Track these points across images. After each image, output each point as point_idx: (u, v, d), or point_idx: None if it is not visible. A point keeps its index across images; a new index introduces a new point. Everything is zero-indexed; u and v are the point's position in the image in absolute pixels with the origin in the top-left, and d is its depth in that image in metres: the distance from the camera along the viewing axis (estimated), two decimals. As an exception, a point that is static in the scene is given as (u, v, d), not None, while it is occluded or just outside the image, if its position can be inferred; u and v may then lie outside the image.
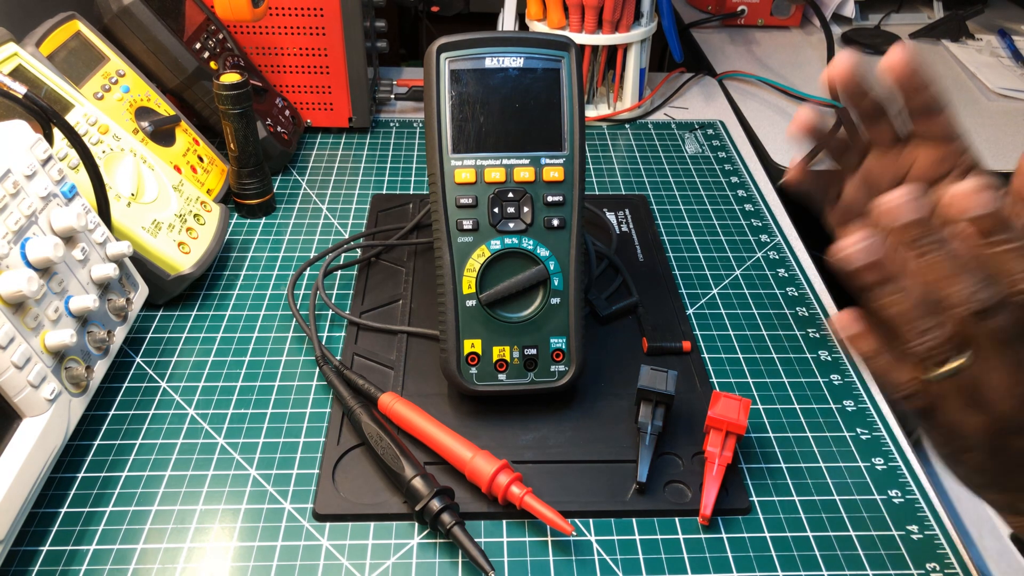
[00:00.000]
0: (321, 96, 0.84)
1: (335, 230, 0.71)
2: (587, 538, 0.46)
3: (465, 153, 0.50)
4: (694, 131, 0.90)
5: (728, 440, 0.48)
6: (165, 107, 0.71)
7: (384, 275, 0.65)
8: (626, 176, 0.81)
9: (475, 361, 0.51)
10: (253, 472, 0.49)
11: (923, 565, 0.45)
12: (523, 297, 0.51)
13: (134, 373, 0.56)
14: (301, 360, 0.57)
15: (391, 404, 0.51)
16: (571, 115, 0.51)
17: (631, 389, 0.52)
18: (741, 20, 1.18)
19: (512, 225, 0.51)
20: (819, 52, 1.08)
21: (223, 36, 0.78)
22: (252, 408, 0.53)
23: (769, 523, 0.47)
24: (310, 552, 0.45)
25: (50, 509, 0.47)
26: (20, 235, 0.45)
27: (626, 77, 0.90)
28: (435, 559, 0.44)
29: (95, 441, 0.51)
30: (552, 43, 0.51)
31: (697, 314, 0.62)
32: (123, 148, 0.61)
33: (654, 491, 0.48)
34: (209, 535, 0.45)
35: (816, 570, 0.44)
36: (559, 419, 0.52)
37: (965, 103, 0.98)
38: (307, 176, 0.79)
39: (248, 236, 0.70)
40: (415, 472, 0.46)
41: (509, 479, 0.45)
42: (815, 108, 0.54)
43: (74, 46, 0.64)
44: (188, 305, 0.62)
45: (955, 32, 1.15)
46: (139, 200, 0.59)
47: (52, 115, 0.51)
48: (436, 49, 0.50)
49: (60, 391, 0.45)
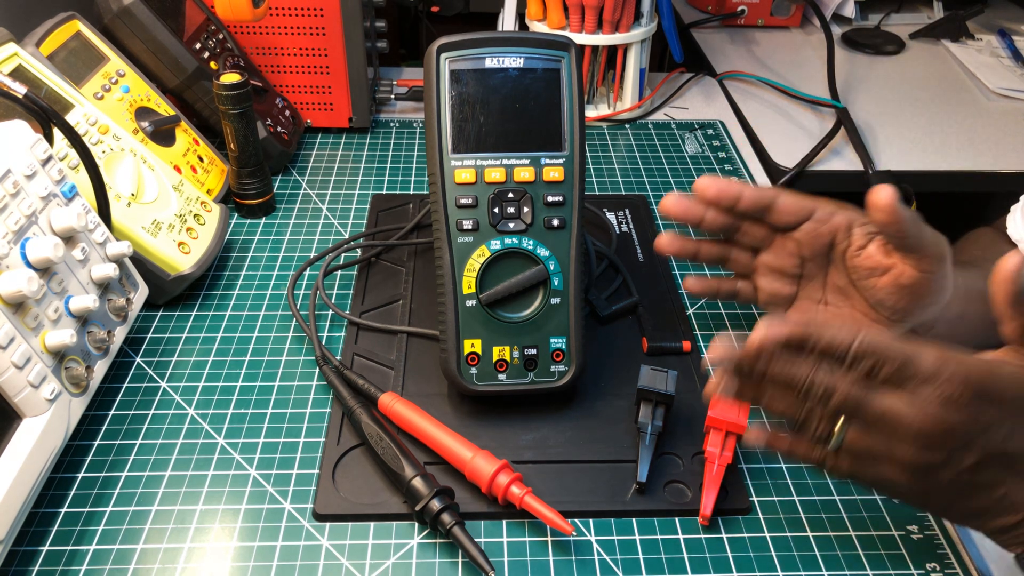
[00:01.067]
0: (321, 96, 0.84)
1: (335, 230, 0.71)
2: (587, 538, 0.46)
3: (465, 153, 0.50)
4: (694, 131, 0.90)
5: (728, 440, 0.48)
6: (165, 107, 0.71)
7: (384, 275, 0.65)
8: (626, 176, 0.81)
9: (475, 361, 0.51)
10: (253, 472, 0.49)
11: (923, 565, 0.45)
12: (523, 297, 0.51)
13: (134, 373, 0.56)
14: (301, 360, 0.57)
15: (391, 404, 0.51)
16: (571, 115, 0.51)
17: (631, 389, 0.52)
18: (741, 20, 1.18)
19: (512, 225, 0.51)
20: (819, 52, 1.08)
21: (223, 36, 0.78)
22: (252, 408, 0.53)
23: (769, 523, 0.47)
24: (310, 552, 0.45)
25: (50, 509, 0.47)
26: (20, 235, 0.45)
27: (626, 77, 0.89)
28: (435, 559, 0.44)
29: (95, 441, 0.51)
30: (552, 43, 0.51)
31: (697, 314, 0.62)
32: (123, 148, 0.61)
33: (654, 491, 0.48)
34: (209, 535, 0.45)
35: (816, 570, 0.44)
36: (559, 419, 0.52)
37: (965, 103, 0.98)
38: (307, 176, 0.79)
39: (248, 236, 0.70)
40: (415, 472, 0.46)
41: (509, 479, 0.45)
42: (673, 236, 0.56)
43: (74, 46, 0.64)
44: (188, 305, 0.62)
45: (955, 32, 1.15)
46: (139, 200, 0.59)
47: (52, 115, 0.51)
48: (436, 49, 0.50)
49: (60, 391, 0.45)
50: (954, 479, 0.38)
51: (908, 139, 0.89)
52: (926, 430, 0.37)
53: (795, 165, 0.84)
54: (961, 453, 0.37)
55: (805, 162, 0.84)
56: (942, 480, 0.38)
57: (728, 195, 0.52)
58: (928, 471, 0.38)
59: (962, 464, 0.38)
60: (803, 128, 0.91)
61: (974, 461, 0.37)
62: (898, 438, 0.38)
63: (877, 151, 0.87)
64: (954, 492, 0.39)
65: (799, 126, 0.92)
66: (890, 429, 0.38)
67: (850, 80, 1.03)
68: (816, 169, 0.84)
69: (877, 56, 1.11)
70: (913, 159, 0.86)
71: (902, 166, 0.84)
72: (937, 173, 0.84)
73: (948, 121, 0.94)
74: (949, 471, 0.38)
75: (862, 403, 0.38)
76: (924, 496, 0.40)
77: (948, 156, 0.87)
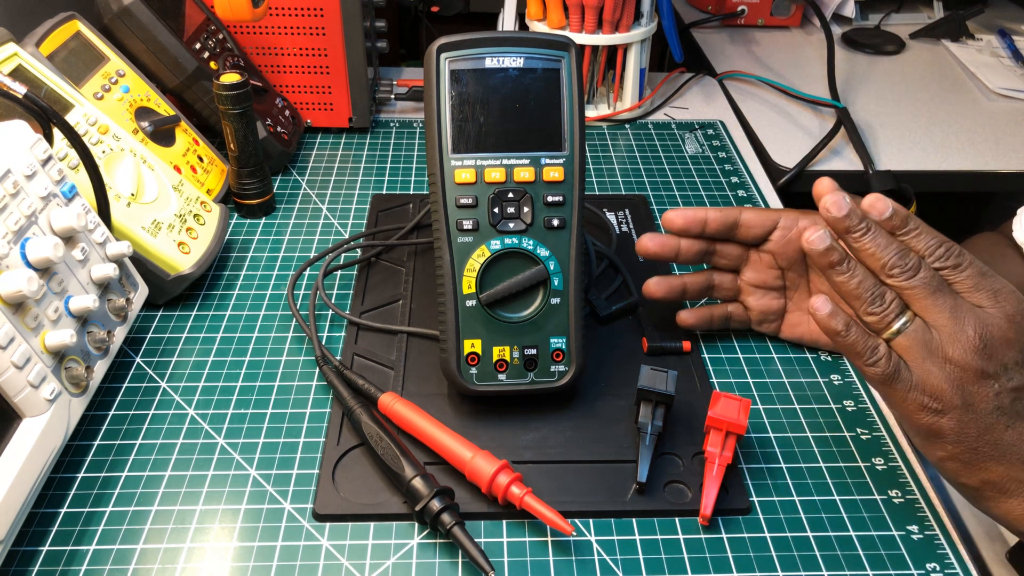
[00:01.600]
0: (321, 96, 0.84)
1: (335, 230, 0.71)
2: (587, 538, 0.46)
3: (465, 153, 0.50)
4: (694, 131, 0.90)
5: (728, 440, 0.48)
6: (165, 107, 0.71)
7: (384, 275, 0.65)
8: (626, 176, 0.81)
9: (475, 361, 0.51)
10: (253, 472, 0.49)
11: (923, 565, 0.45)
12: (523, 297, 0.51)
13: (134, 373, 0.56)
14: (301, 360, 0.57)
15: (391, 404, 0.51)
16: (571, 115, 0.51)
17: (631, 389, 0.52)
18: (741, 20, 1.18)
19: (512, 225, 0.51)
20: (819, 52, 1.08)
21: (223, 36, 0.78)
22: (252, 408, 0.53)
23: (769, 523, 0.47)
24: (310, 552, 0.45)
25: (50, 509, 0.47)
26: (20, 235, 0.45)
27: (626, 77, 0.89)
28: (435, 559, 0.44)
29: (95, 441, 0.51)
30: (552, 43, 0.51)
31: (697, 314, 0.62)
32: (123, 148, 0.61)
33: (654, 491, 0.48)
34: (209, 535, 0.45)
35: (816, 570, 0.44)
36: (559, 419, 0.52)
37: (965, 103, 0.98)
38: (307, 176, 0.79)
39: (248, 236, 0.70)
40: (415, 472, 0.46)
41: (509, 479, 0.45)
42: (659, 279, 0.58)
43: (74, 46, 0.64)
44: (188, 305, 0.62)
45: (955, 32, 1.15)
46: (139, 200, 0.59)
47: (52, 115, 0.51)
48: (436, 49, 0.50)
49: (60, 391, 0.45)
50: (995, 398, 0.40)
51: (908, 139, 0.89)
52: (989, 333, 0.40)
53: (795, 165, 0.84)
54: (1013, 370, 0.40)
55: (805, 162, 0.84)
56: (987, 394, 0.40)
57: (695, 221, 0.55)
58: (978, 378, 0.40)
59: (1010, 382, 0.40)
60: (803, 128, 0.91)
61: (1019, 384, 0.40)
62: (959, 338, 0.40)
63: (877, 151, 0.87)
64: (992, 413, 0.40)
65: (799, 126, 0.92)
66: (955, 327, 0.40)
67: (850, 80, 1.03)
68: (816, 169, 0.84)
69: (877, 56, 1.11)
70: (913, 159, 0.86)
71: (902, 166, 0.84)
72: (937, 173, 0.84)
73: (948, 121, 0.94)
74: (997, 384, 0.40)
75: (939, 291, 0.41)
76: (962, 412, 0.40)
77: (948, 156, 0.87)
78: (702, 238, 0.56)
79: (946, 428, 0.41)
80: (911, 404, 0.41)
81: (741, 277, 0.58)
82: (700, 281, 0.58)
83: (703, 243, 0.57)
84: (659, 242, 0.56)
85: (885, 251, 0.42)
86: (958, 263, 0.41)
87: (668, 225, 0.56)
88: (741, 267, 0.58)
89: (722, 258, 0.57)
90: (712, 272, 0.58)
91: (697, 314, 0.58)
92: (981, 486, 0.41)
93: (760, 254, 0.57)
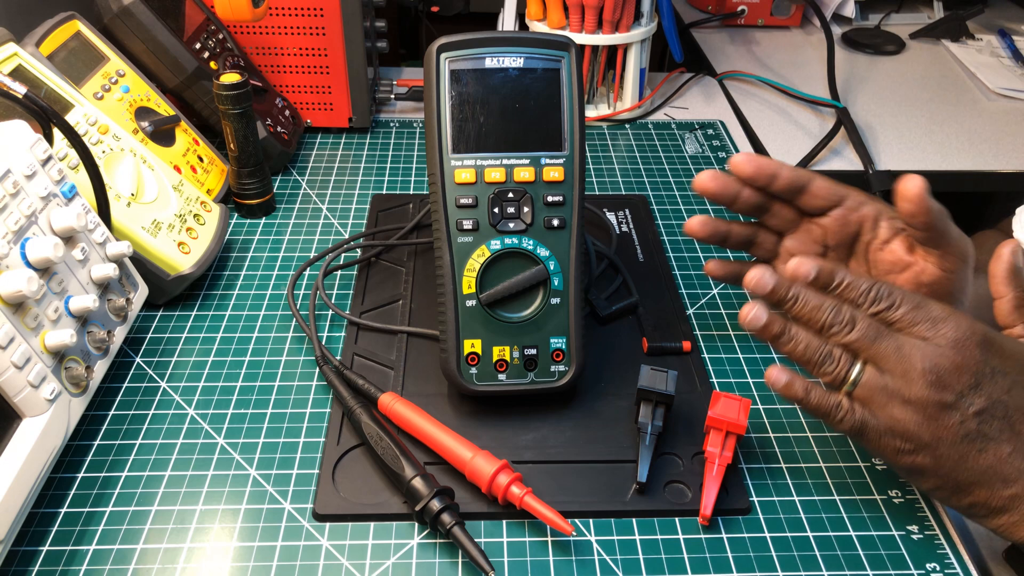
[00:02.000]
0: (321, 96, 0.84)
1: (335, 230, 0.71)
2: (587, 538, 0.46)
3: (465, 153, 0.50)
4: (694, 131, 0.90)
5: (728, 440, 0.48)
6: (165, 107, 0.71)
7: (384, 275, 0.65)
8: (626, 176, 0.81)
9: (475, 361, 0.51)
10: (253, 472, 0.49)
11: (923, 565, 0.45)
12: (523, 297, 0.51)
13: (134, 373, 0.56)
14: (301, 360, 0.57)
15: (391, 404, 0.51)
16: (571, 115, 0.51)
17: (631, 389, 0.52)
18: (741, 20, 1.18)
19: (512, 225, 0.51)
20: (819, 52, 1.08)
21: (223, 36, 0.78)
22: (252, 408, 0.53)
23: (769, 523, 0.47)
24: (310, 552, 0.45)
25: (50, 509, 0.47)
26: (20, 235, 0.45)
27: (626, 77, 0.89)
28: (435, 559, 0.44)
29: (95, 441, 0.51)
30: (552, 43, 0.51)
31: (697, 314, 0.62)
32: (123, 148, 0.61)
33: (654, 491, 0.48)
34: (209, 535, 0.45)
35: (816, 570, 0.44)
36: (559, 419, 0.52)
37: (965, 103, 0.98)
38: (307, 176, 0.79)
39: (248, 236, 0.70)
40: (415, 472, 0.46)
41: (509, 479, 0.45)
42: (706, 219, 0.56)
43: (74, 46, 0.64)
44: (188, 305, 0.62)
45: (955, 32, 1.15)
46: (139, 200, 0.59)
47: (52, 115, 0.51)
48: (436, 49, 0.50)
49: (60, 391, 0.45)
50: (960, 427, 0.40)
51: (908, 139, 0.89)
52: (938, 365, 0.40)
53: (795, 165, 0.84)
54: (969, 396, 0.40)
55: (805, 162, 0.84)
56: (951, 424, 0.40)
57: (765, 172, 0.52)
58: (939, 411, 0.40)
59: (970, 408, 0.40)
60: (803, 128, 0.91)
61: (981, 407, 0.40)
62: (911, 377, 0.40)
63: (877, 151, 0.87)
64: (961, 442, 0.40)
65: (799, 126, 0.92)
66: (905, 366, 0.41)
67: (850, 80, 1.03)
68: (816, 169, 0.84)
69: (877, 56, 1.11)
70: (913, 159, 0.86)
71: (902, 166, 0.84)
72: (937, 173, 0.84)
73: (948, 121, 0.94)
74: (958, 413, 0.40)
75: (880, 336, 0.41)
76: (934, 447, 0.41)
77: (948, 156, 0.87)
78: (764, 192, 0.53)
79: (924, 464, 0.42)
80: (886, 449, 0.42)
81: (783, 243, 0.56)
82: (746, 233, 0.56)
83: (763, 197, 0.54)
84: (721, 183, 0.53)
85: (819, 312, 0.43)
86: (891, 302, 0.42)
87: (736, 169, 0.52)
88: (787, 232, 0.56)
89: (774, 218, 0.55)
90: (759, 227, 0.56)
91: (727, 266, 0.57)
92: (971, 507, 0.42)
93: (811, 225, 0.54)
